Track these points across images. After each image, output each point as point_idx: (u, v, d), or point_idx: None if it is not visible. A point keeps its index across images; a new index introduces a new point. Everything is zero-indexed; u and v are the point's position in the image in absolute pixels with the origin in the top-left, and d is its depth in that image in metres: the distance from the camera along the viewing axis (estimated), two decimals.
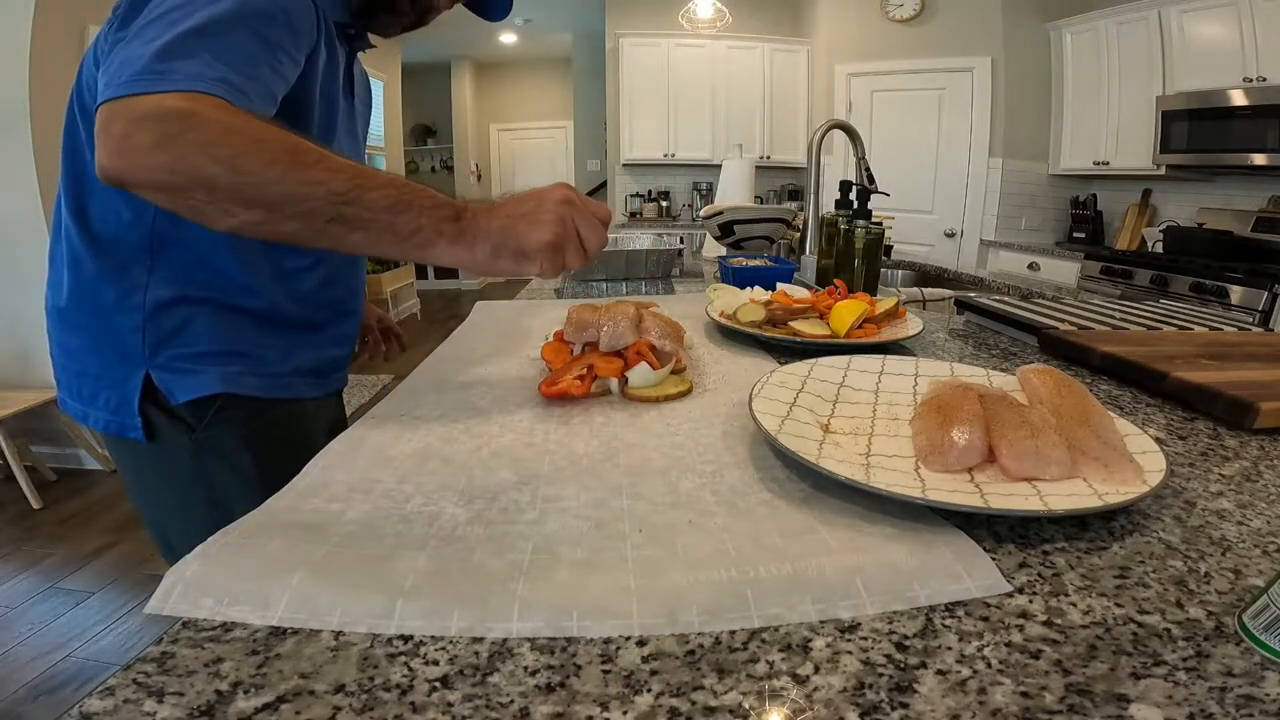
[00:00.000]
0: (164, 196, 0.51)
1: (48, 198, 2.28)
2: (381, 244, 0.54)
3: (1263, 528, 0.40)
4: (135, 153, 0.48)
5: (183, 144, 0.49)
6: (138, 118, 0.49)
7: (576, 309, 0.74)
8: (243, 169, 0.50)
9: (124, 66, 0.50)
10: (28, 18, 2.15)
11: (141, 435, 0.70)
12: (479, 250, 0.56)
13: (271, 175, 0.50)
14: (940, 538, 0.38)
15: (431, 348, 0.84)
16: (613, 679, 0.28)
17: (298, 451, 0.51)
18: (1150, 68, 3.09)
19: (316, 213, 0.52)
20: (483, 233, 0.56)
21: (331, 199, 0.51)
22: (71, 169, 0.68)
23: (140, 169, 0.49)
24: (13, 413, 2.23)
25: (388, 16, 0.77)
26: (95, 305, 0.69)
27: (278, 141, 0.51)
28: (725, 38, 4.43)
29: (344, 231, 0.53)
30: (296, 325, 0.78)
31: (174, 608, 0.32)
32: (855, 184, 1.32)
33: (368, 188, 0.53)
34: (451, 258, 0.56)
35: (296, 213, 0.52)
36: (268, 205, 0.51)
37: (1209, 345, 0.78)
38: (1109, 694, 0.27)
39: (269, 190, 0.50)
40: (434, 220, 0.54)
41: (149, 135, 0.48)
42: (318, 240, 0.54)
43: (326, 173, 0.52)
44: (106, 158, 0.49)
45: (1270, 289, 2.33)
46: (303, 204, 0.51)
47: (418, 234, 0.54)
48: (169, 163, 0.49)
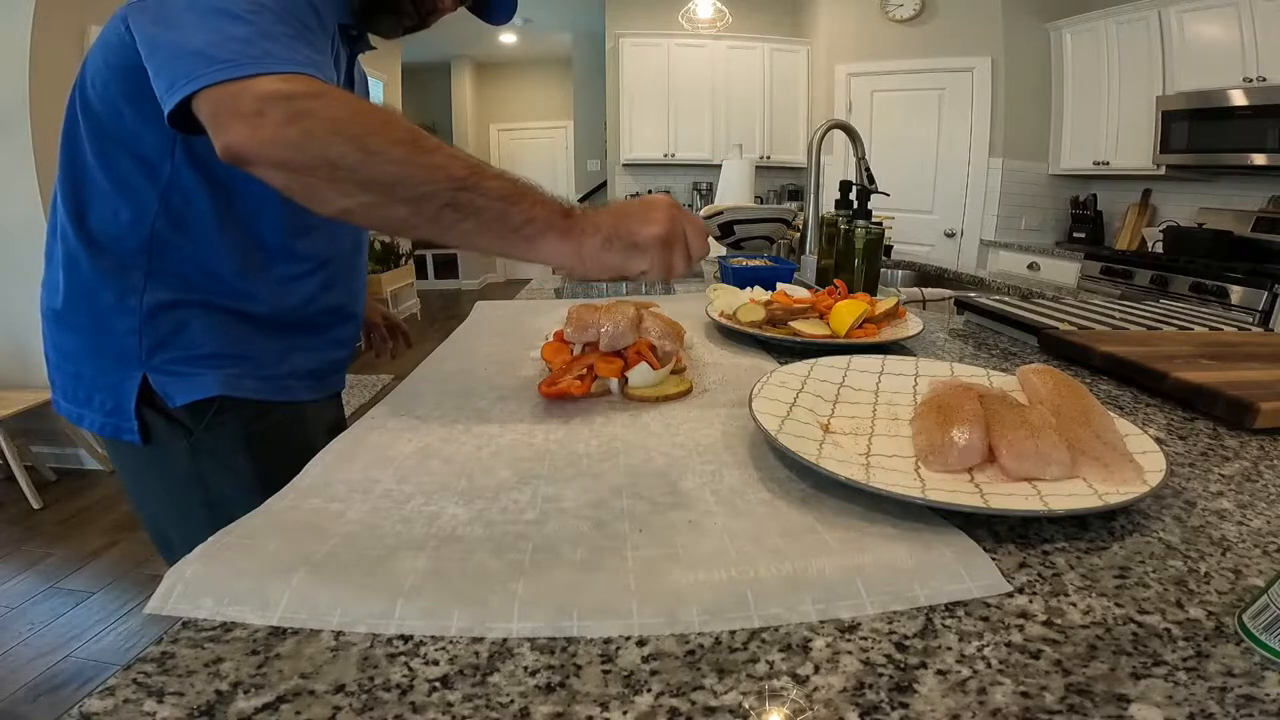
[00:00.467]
0: (286, 175, 0.51)
1: (47, 198, 2.28)
2: (490, 234, 0.54)
3: (1263, 528, 0.40)
4: (268, 128, 0.49)
5: (313, 121, 0.50)
6: (265, 96, 0.49)
7: (576, 309, 0.74)
8: (370, 148, 0.50)
9: (206, 54, 0.51)
10: (28, 18, 2.15)
11: (137, 438, 0.70)
12: (588, 243, 0.55)
13: (395, 155, 0.51)
14: (940, 538, 0.38)
15: (431, 348, 0.84)
16: (613, 679, 0.28)
17: (296, 454, 0.51)
18: (1150, 68, 3.09)
19: (433, 196, 0.52)
20: (593, 227, 0.56)
21: (450, 183, 0.52)
22: (70, 169, 0.68)
23: (270, 144, 0.49)
24: (13, 413, 2.23)
25: (391, 18, 0.76)
26: (92, 306, 0.69)
27: (400, 124, 0.52)
28: (725, 38, 4.43)
29: (456, 219, 0.53)
30: (295, 329, 0.78)
31: (174, 608, 0.32)
32: (855, 184, 1.32)
33: (485, 176, 0.53)
34: (559, 253, 0.55)
35: (413, 196, 0.52)
36: (386, 187, 0.51)
37: (1209, 345, 0.78)
38: (1109, 694, 0.27)
39: (390, 171, 0.51)
40: (546, 213, 0.55)
41: (281, 112, 0.49)
42: (426, 227, 0.54)
43: (447, 158, 0.52)
44: (239, 134, 0.49)
45: (1270, 289, 2.33)
46: (421, 187, 0.51)
47: (529, 225, 0.54)
48: (299, 139, 0.49)
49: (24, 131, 2.21)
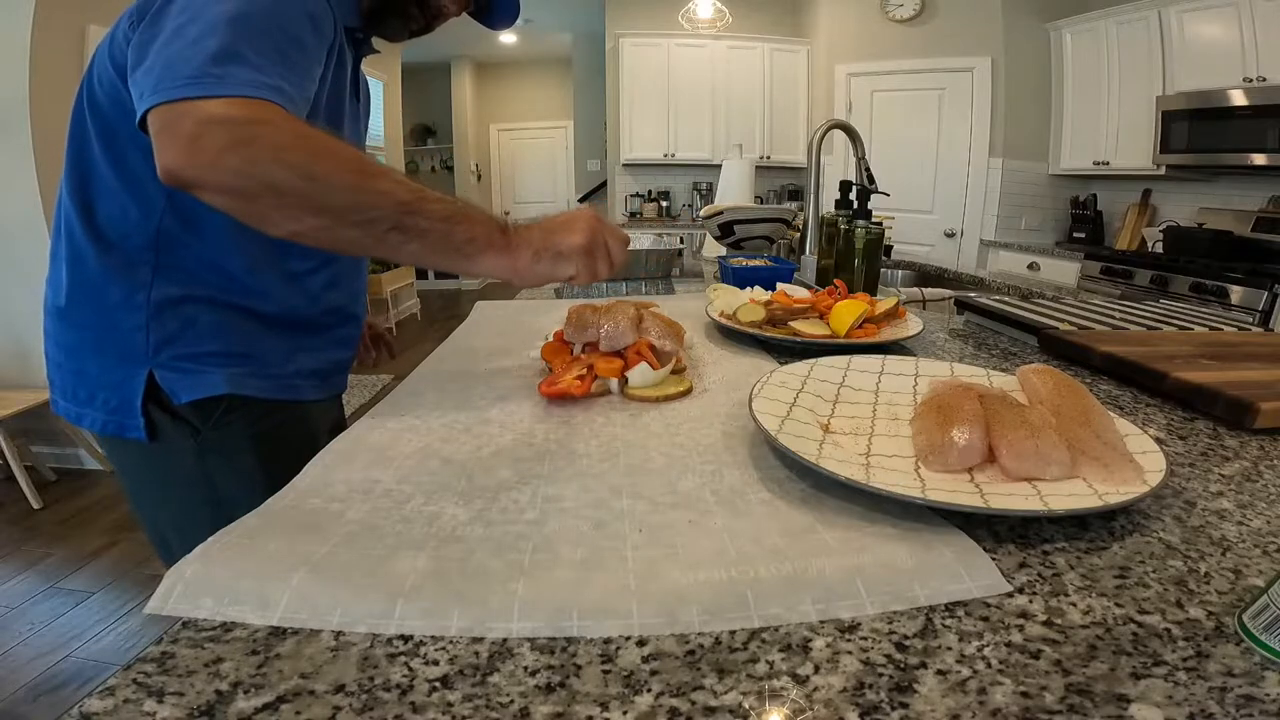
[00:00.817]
0: (229, 200, 0.52)
1: (48, 198, 2.28)
2: (435, 252, 0.58)
3: (1263, 528, 0.40)
4: (207, 154, 0.49)
5: (256, 148, 0.50)
6: (207, 120, 0.49)
7: (576, 309, 0.74)
8: (314, 176, 0.52)
9: (173, 68, 0.51)
10: (28, 18, 2.15)
11: (143, 435, 0.69)
12: (521, 257, 0.60)
13: (341, 183, 0.53)
14: (940, 537, 0.38)
15: (431, 348, 0.84)
16: (613, 679, 0.28)
17: (301, 453, 0.52)
18: (1150, 68, 3.09)
19: (380, 220, 0.54)
20: (525, 242, 0.61)
21: (396, 208, 0.54)
22: (78, 167, 0.68)
23: (212, 171, 0.50)
24: (13, 413, 2.23)
25: (397, 21, 0.78)
26: (98, 303, 0.69)
27: (345, 152, 0.54)
28: (725, 38, 4.43)
29: (402, 240, 0.55)
30: (301, 327, 0.78)
31: (174, 608, 0.32)
32: (855, 184, 1.32)
33: (428, 200, 0.56)
34: (496, 266, 0.60)
35: (360, 220, 0.54)
36: (334, 213, 0.53)
37: (1209, 345, 0.78)
38: (1109, 694, 0.27)
39: (337, 198, 0.53)
40: (485, 231, 0.59)
41: (221, 138, 0.49)
42: (375, 248, 0.56)
43: (391, 184, 0.55)
44: (175, 158, 0.50)
45: (1270, 289, 2.33)
46: (368, 212, 0.54)
47: (470, 244, 0.58)
48: (242, 166, 0.50)
49: (24, 131, 2.21)
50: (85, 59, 2.36)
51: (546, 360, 0.72)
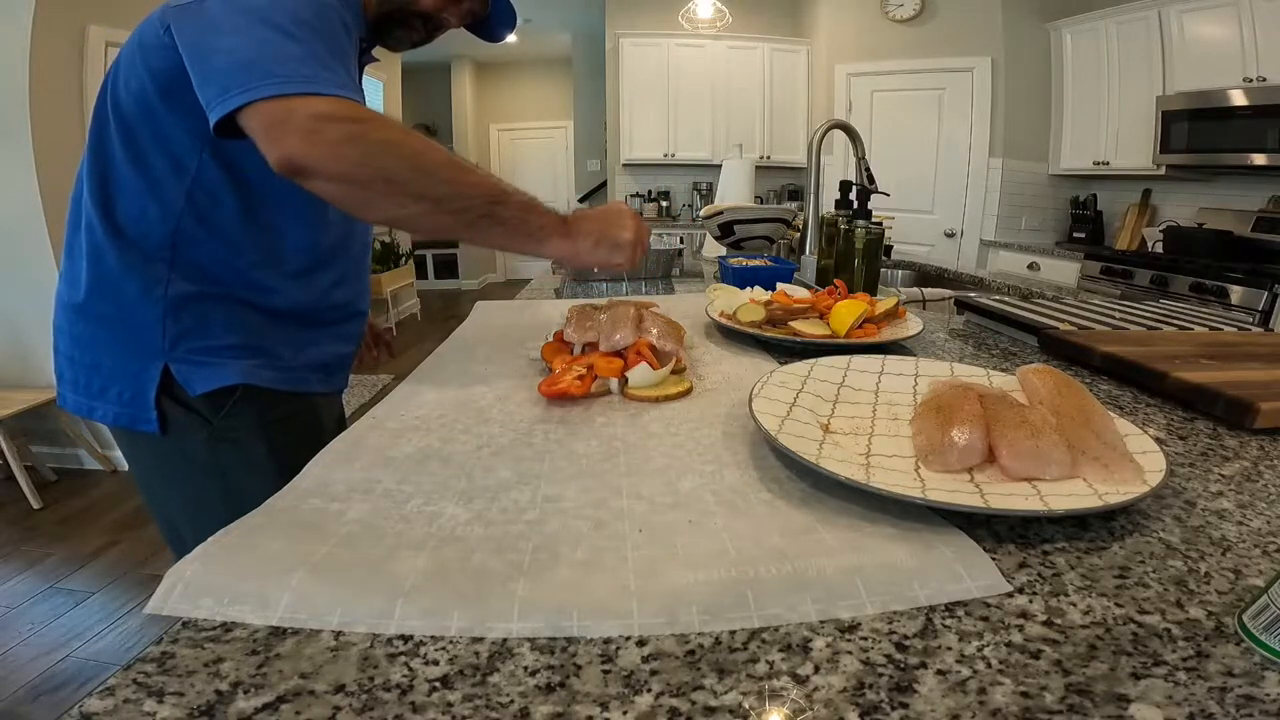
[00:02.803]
0: (343, 187, 0.58)
1: (48, 198, 2.28)
2: (513, 237, 0.67)
3: (1263, 528, 0.40)
4: (327, 145, 0.55)
5: (371, 143, 0.57)
6: (320, 115, 0.55)
7: (576, 309, 0.74)
8: (422, 167, 0.59)
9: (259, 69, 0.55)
10: (28, 18, 2.15)
11: (155, 427, 0.71)
12: (583, 243, 0.72)
13: (443, 175, 0.61)
14: (940, 538, 0.38)
15: (431, 348, 0.85)
16: (613, 679, 0.28)
17: (310, 445, 0.53)
18: (1150, 68, 3.09)
19: (472, 209, 0.63)
20: (584, 232, 0.72)
21: (485, 199, 0.63)
22: (98, 165, 0.70)
23: (333, 161, 0.56)
24: (13, 413, 2.23)
25: (401, 32, 0.81)
26: (117, 297, 0.70)
27: (439, 148, 0.62)
28: (725, 38, 4.43)
29: (489, 225, 0.65)
30: (309, 322, 0.81)
31: (174, 608, 0.32)
32: (855, 184, 1.32)
33: (510, 192, 0.66)
34: (561, 249, 0.71)
35: (456, 208, 0.62)
36: (435, 200, 0.61)
37: (1209, 345, 0.78)
38: (1109, 694, 0.27)
39: (439, 188, 0.61)
40: (552, 221, 0.70)
41: (339, 132, 0.56)
42: (462, 231, 0.64)
43: (482, 177, 0.64)
44: (296, 148, 0.55)
45: (1270, 289, 2.32)
46: (464, 200, 0.62)
47: (541, 230, 0.69)
48: (360, 157, 0.57)
49: (24, 131, 2.21)
50: (85, 59, 2.36)
51: (546, 360, 0.72)
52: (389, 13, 0.78)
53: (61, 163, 2.29)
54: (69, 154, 2.31)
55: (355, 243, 0.87)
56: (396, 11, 0.78)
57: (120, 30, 2.43)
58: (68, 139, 2.32)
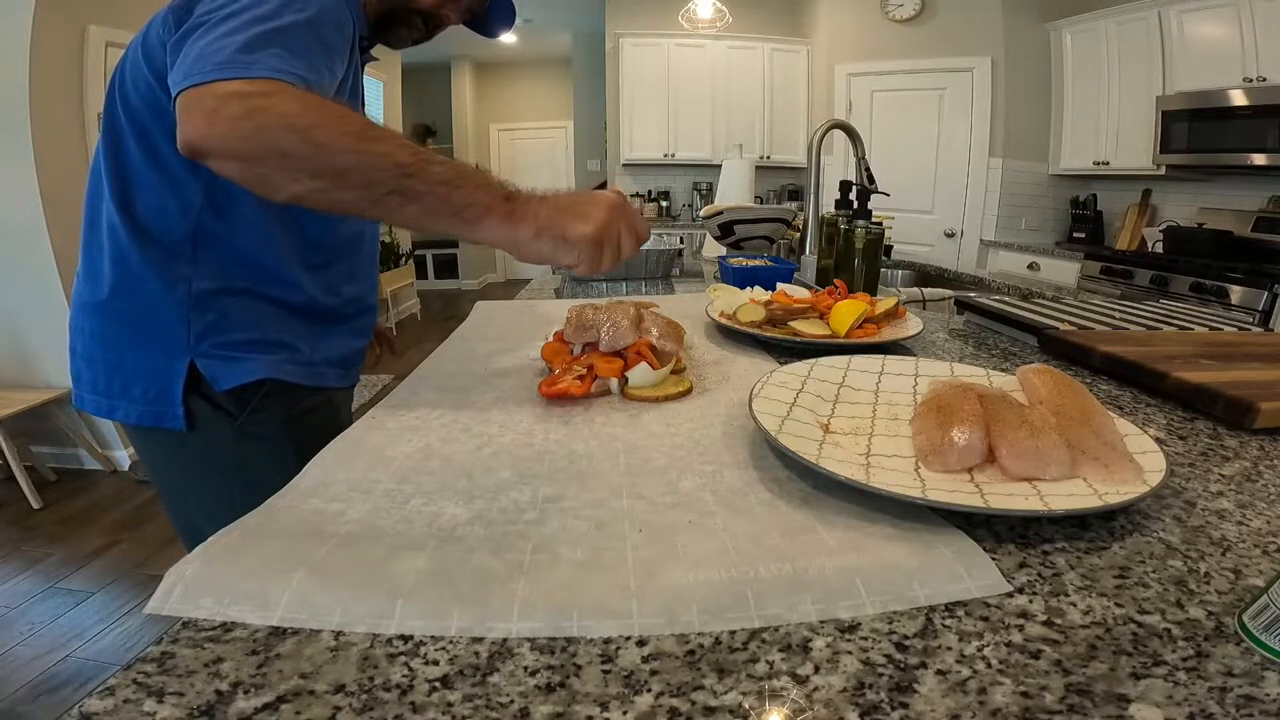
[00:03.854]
0: (238, 165, 0.54)
1: (48, 198, 2.27)
2: (435, 216, 0.57)
3: (1263, 528, 0.40)
4: (222, 122, 0.52)
5: (265, 115, 0.53)
6: (225, 95, 0.53)
7: (576, 309, 0.74)
8: (316, 140, 0.53)
9: (205, 57, 0.54)
10: (28, 18, 2.15)
11: (182, 424, 0.72)
12: (523, 230, 0.58)
13: (342, 145, 0.54)
14: (940, 538, 0.38)
15: (431, 348, 0.85)
16: (613, 679, 0.28)
17: (332, 438, 0.53)
18: (1150, 68, 3.09)
19: (378, 183, 0.55)
20: (531, 215, 0.58)
21: (394, 170, 0.55)
22: (116, 164, 0.70)
23: (224, 138, 0.53)
24: (13, 413, 2.23)
25: (402, 30, 0.81)
26: (141, 295, 0.71)
27: (350, 118, 0.55)
28: (725, 38, 4.43)
29: (401, 203, 0.56)
30: (325, 317, 0.82)
31: (174, 608, 0.32)
32: (855, 184, 1.32)
33: (429, 163, 0.56)
34: (497, 235, 0.58)
35: (360, 182, 0.55)
36: (333, 174, 0.55)
37: (1209, 345, 0.78)
38: (1109, 694, 0.27)
39: (337, 160, 0.54)
40: (487, 197, 0.57)
41: (236, 108, 0.53)
42: (374, 209, 0.57)
43: (393, 146, 0.55)
44: (194, 129, 0.53)
45: (1270, 289, 2.32)
46: (367, 173, 0.55)
47: (470, 209, 0.57)
48: (250, 132, 0.52)
49: (24, 131, 2.21)
50: (85, 59, 2.36)
51: (546, 360, 0.72)
52: (389, 10, 0.79)
53: (61, 163, 2.29)
54: (69, 154, 2.31)
55: (366, 237, 0.88)
56: (397, 9, 0.79)
57: (120, 30, 2.43)
58: (68, 139, 2.32)
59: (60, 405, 2.41)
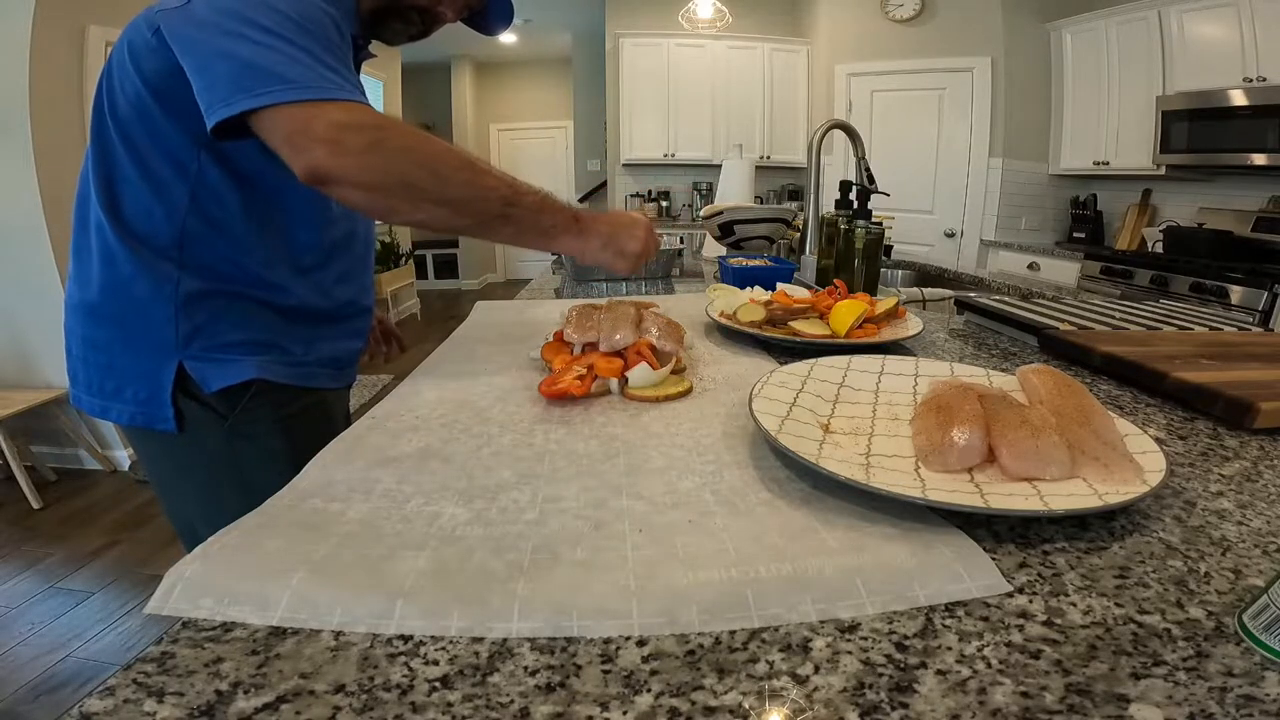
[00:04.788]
0: (367, 195, 0.60)
1: (48, 197, 2.27)
2: (526, 235, 0.71)
3: (1263, 528, 0.40)
4: (351, 155, 0.57)
5: (389, 150, 0.59)
6: (338, 125, 0.57)
7: (576, 309, 0.74)
8: (440, 173, 0.62)
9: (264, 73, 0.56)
10: (28, 18, 2.15)
11: (172, 425, 0.71)
12: (591, 243, 0.75)
13: (460, 179, 0.63)
14: (940, 538, 0.38)
15: (431, 348, 0.85)
16: (613, 679, 0.28)
17: (323, 440, 0.53)
18: (1150, 68, 3.09)
19: (489, 211, 0.66)
20: (596, 233, 0.75)
21: (500, 200, 0.66)
22: (103, 167, 0.70)
23: (356, 170, 0.58)
24: (13, 413, 2.23)
25: (398, 25, 0.81)
26: (129, 297, 0.70)
27: (455, 151, 0.64)
28: (725, 38, 4.42)
29: (503, 225, 0.68)
30: (316, 319, 0.81)
31: (174, 608, 0.32)
32: (855, 184, 1.32)
33: (522, 192, 0.68)
34: (570, 247, 0.74)
35: (474, 210, 0.65)
36: (453, 204, 0.64)
37: (1209, 345, 0.78)
38: (1109, 694, 0.27)
39: (456, 191, 0.63)
40: (564, 220, 0.73)
41: (359, 140, 0.57)
42: (481, 231, 0.68)
43: (496, 180, 0.66)
44: (322, 159, 0.56)
45: (1270, 289, 2.32)
46: (480, 204, 0.65)
47: (553, 229, 0.72)
48: (383, 164, 0.58)
49: (24, 131, 2.21)
50: (85, 59, 2.36)
51: (546, 360, 0.72)
52: (385, 6, 0.78)
53: (61, 163, 2.29)
54: (69, 154, 2.31)
55: (359, 239, 0.88)
56: (392, 4, 0.78)
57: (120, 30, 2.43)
58: (68, 139, 2.32)
59: (60, 405, 2.41)
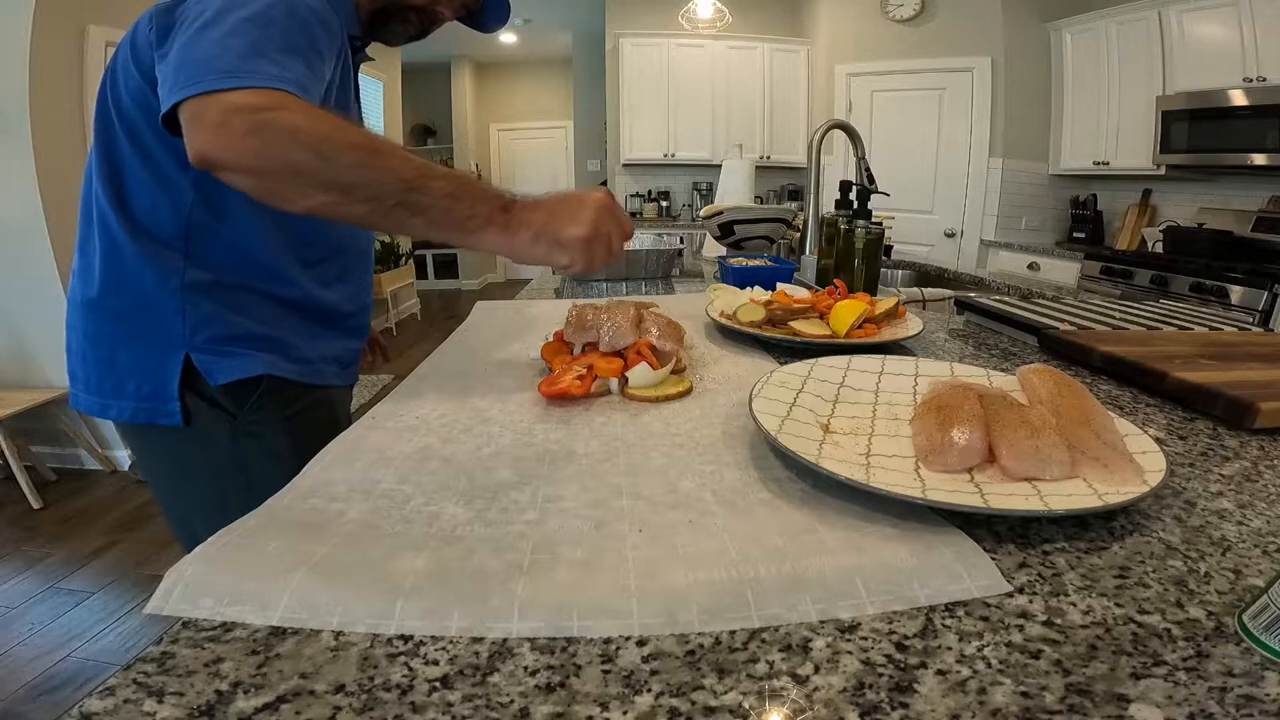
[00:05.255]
0: (250, 179, 0.56)
1: (48, 197, 2.27)
2: (439, 227, 0.60)
3: (1263, 528, 0.40)
4: (232, 137, 0.53)
5: (273, 130, 0.54)
6: (231, 108, 0.54)
7: (576, 309, 0.74)
8: (325, 155, 0.55)
9: (202, 64, 0.55)
10: (28, 18, 2.15)
11: (179, 419, 0.71)
12: (520, 236, 0.61)
13: (349, 160, 0.56)
14: (940, 538, 0.38)
15: (431, 348, 0.85)
16: (613, 679, 0.28)
17: (329, 437, 0.53)
18: (1150, 68, 3.09)
19: (385, 197, 0.57)
20: (526, 222, 0.61)
21: (400, 185, 0.57)
22: (108, 161, 0.70)
23: (236, 153, 0.54)
24: (13, 413, 2.23)
25: (397, 27, 0.81)
26: (136, 289, 0.71)
27: (354, 132, 0.57)
28: (725, 38, 4.43)
29: (407, 215, 0.59)
30: (321, 314, 0.82)
31: (174, 608, 0.32)
32: (855, 184, 1.32)
33: (432, 177, 0.59)
34: (496, 243, 0.62)
35: (368, 196, 0.57)
36: (343, 189, 0.57)
37: (1209, 345, 0.78)
38: (1109, 694, 0.27)
39: (346, 175, 0.56)
40: (487, 209, 0.61)
41: (244, 123, 0.53)
42: (382, 222, 0.60)
43: (398, 161, 0.58)
44: (204, 143, 0.54)
45: (1270, 289, 2.32)
46: (375, 189, 0.57)
47: (471, 220, 0.60)
48: (261, 147, 0.54)
49: (24, 131, 2.21)
50: (85, 59, 2.36)
51: (546, 360, 0.72)
52: (383, 8, 0.78)
53: (62, 162, 2.29)
54: (69, 153, 2.31)
55: (361, 235, 0.88)
56: (391, 5, 0.79)
57: (120, 30, 2.41)
58: (68, 138, 2.32)
59: (60, 405, 2.41)
